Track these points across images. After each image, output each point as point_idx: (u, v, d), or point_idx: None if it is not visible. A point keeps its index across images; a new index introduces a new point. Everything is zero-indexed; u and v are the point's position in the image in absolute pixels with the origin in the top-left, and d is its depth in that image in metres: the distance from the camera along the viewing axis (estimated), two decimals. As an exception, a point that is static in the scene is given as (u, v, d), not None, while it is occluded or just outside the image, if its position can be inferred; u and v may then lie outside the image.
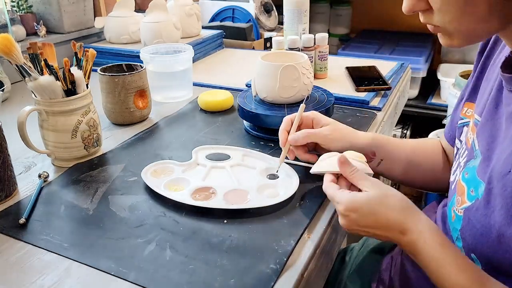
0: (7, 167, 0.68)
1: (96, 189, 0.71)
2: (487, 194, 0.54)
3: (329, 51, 1.18)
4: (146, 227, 0.61)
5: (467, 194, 0.58)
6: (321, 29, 2.39)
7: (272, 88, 0.84)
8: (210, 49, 1.45)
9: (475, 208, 0.56)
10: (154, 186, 0.68)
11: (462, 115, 0.69)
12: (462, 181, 0.60)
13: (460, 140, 0.67)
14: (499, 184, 0.52)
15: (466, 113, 0.68)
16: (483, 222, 0.54)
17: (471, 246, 0.56)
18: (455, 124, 0.71)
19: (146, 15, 1.32)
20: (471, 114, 0.66)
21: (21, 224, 0.62)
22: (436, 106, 1.96)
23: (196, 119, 0.97)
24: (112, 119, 0.94)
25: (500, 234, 0.51)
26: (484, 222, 0.53)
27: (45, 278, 0.53)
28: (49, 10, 1.36)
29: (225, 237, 0.59)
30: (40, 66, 0.73)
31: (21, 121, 0.71)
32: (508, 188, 0.50)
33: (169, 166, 0.75)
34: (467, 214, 0.57)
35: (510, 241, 0.50)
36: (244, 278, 0.52)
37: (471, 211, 0.56)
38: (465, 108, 0.68)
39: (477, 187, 0.56)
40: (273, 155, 0.78)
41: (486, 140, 0.58)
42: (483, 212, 0.54)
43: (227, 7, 1.75)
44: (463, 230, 0.58)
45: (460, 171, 0.63)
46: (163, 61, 1.04)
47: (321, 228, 0.61)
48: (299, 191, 0.68)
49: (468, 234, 0.56)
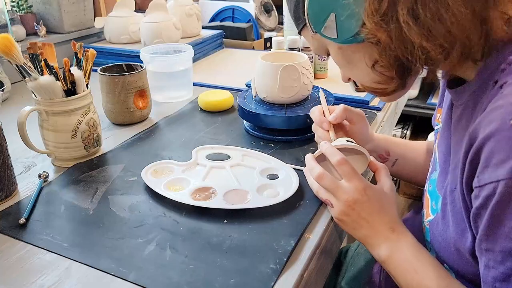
0: (7, 167, 0.68)
1: (96, 189, 0.71)
2: (442, 209, 0.54)
3: (329, 51, 1.18)
4: (146, 227, 0.61)
5: (430, 207, 0.59)
6: (321, 29, 2.39)
7: (272, 88, 0.84)
8: (210, 49, 1.45)
9: (436, 222, 0.56)
10: (154, 186, 0.68)
11: (436, 121, 0.70)
12: (428, 193, 0.61)
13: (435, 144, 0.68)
14: (449, 199, 0.52)
15: (439, 119, 0.68)
16: (443, 236, 0.54)
17: (441, 258, 0.56)
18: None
19: (146, 15, 1.32)
20: (440, 118, 0.67)
21: (21, 224, 0.62)
22: (436, 106, 1.96)
23: (196, 119, 0.97)
24: (112, 119, 0.94)
25: (456, 248, 0.51)
26: (444, 236, 0.54)
27: (45, 278, 0.53)
28: (49, 10, 1.36)
29: (225, 237, 0.59)
30: (40, 66, 0.73)
31: (21, 121, 0.71)
32: (457, 204, 0.50)
33: (169, 166, 0.75)
34: (431, 228, 0.58)
35: (466, 253, 0.50)
36: (244, 278, 0.52)
37: (434, 225, 0.57)
38: (438, 115, 0.69)
39: (437, 200, 0.57)
40: (273, 155, 0.78)
41: (443, 152, 0.58)
42: (441, 226, 0.54)
43: (227, 7, 1.75)
44: (432, 243, 0.58)
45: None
46: (163, 61, 1.04)
47: (321, 228, 0.61)
48: (299, 191, 0.68)
49: (436, 246, 0.57)
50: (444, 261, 0.56)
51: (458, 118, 0.54)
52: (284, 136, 0.84)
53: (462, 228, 0.49)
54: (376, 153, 0.75)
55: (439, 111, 0.69)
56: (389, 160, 0.75)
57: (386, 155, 0.75)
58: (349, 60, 0.55)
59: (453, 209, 0.51)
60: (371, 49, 0.50)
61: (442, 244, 0.55)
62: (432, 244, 0.58)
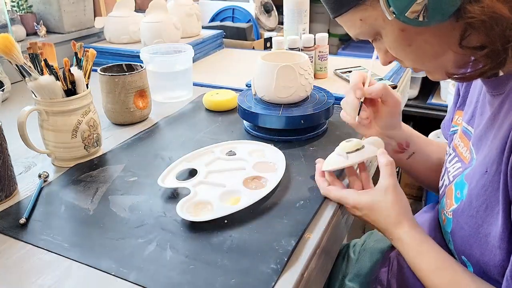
0: (7, 167, 0.68)
1: (96, 189, 0.71)
2: (469, 195, 0.55)
3: (329, 51, 1.18)
4: (147, 227, 0.61)
5: (454, 196, 0.59)
6: (321, 29, 2.39)
7: (269, 87, 0.84)
8: (210, 49, 1.45)
9: (461, 210, 0.56)
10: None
11: (454, 123, 0.70)
12: (453, 185, 0.61)
13: (450, 146, 0.68)
14: (478, 185, 0.53)
15: (457, 121, 0.69)
16: (470, 223, 0.54)
17: (461, 248, 0.57)
18: (447, 131, 0.73)
19: (146, 15, 1.32)
20: (460, 122, 0.67)
21: (21, 224, 0.62)
22: (436, 106, 1.96)
23: (196, 119, 0.97)
24: (112, 119, 0.94)
25: (484, 234, 0.52)
26: (471, 223, 0.54)
27: (45, 278, 0.53)
28: (49, 10, 1.36)
29: (225, 237, 0.58)
30: (40, 66, 0.73)
31: (21, 121, 0.71)
32: (489, 187, 0.51)
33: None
34: (455, 216, 0.58)
35: (494, 240, 0.50)
36: (245, 278, 0.52)
37: (458, 212, 0.57)
38: (456, 116, 0.70)
39: (462, 189, 0.57)
40: (273, 155, 0.78)
41: (478, 147, 0.58)
42: (468, 213, 0.55)
43: (227, 7, 1.75)
44: (453, 232, 0.59)
45: (447, 176, 0.64)
46: (163, 61, 1.04)
47: (322, 228, 0.61)
48: (299, 191, 0.68)
49: (458, 236, 0.57)
50: (463, 252, 0.56)
51: (499, 105, 0.54)
52: (284, 136, 0.84)
53: (495, 211, 0.50)
54: (396, 140, 0.75)
55: (458, 113, 0.69)
56: (406, 152, 0.76)
57: (405, 146, 0.75)
58: (410, 42, 0.53)
59: (485, 193, 0.52)
60: (452, 31, 0.50)
61: (467, 232, 0.55)
62: (453, 235, 0.59)
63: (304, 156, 0.79)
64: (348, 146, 0.66)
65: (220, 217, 0.61)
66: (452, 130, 0.70)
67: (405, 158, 0.76)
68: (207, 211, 0.63)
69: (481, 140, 0.57)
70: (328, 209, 0.65)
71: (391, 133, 0.74)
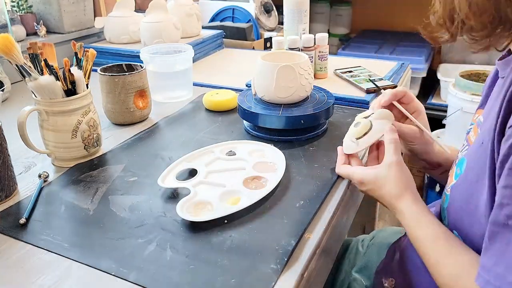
0: (7, 167, 0.68)
1: (96, 189, 0.71)
2: (466, 169, 0.56)
3: (329, 51, 1.18)
4: (147, 227, 0.61)
5: (455, 173, 0.61)
6: (321, 29, 2.39)
7: (269, 87, 0.84)
8: (210, 49, 1.45)
9: (458, 185, 0.58)
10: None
11: (472, 120, 0.70)
12: (455, 164, 0.63)
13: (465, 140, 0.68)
14: (475, 157, 0.54)
15: (475, 119, 0.69)
16: (463, 195, 0.56)
17: (453, 222, 0.59)
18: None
19: (146, 15, 1.32)
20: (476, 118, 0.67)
21: (21, 224, 0.62)
22: (436, 106, 1.96)
23: (196, 119, 0.97)
24: (112, 119, 0.94)
25: (476, 204, 0.53)
26: (464, 195, 0.55)
27: (45, 278, 0.53)
28: (49, 10, 1.36)
29: (225, 237, 0.58)
30: (40, 66, 0.73)
31: (21, 121, 0.71)
32: (481, 156, 0.52)
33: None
34: (452, 192, 0.60)
35: (482, 209, 0.51)
36: (245, 278, 0.52)
37: (455, 188, 0.59)
38: (476, 115, 0.70)
39: (462, 165, 0.59)
40: (273, 155, 0.78)
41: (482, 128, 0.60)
42: (464, 186, 0.56)
43: (227, 7, 1.75)
44: (449, 207, 0.60)
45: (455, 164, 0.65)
46: (163, 61, 1.04)
47: (321, 228, 0.61)
48: (299, 191, 0.68)
49: (452, 210, 0.59)
50: (455, 225, 0.58)
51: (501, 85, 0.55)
52: (283, 136, 0.84)
53: (482, 180, 0.51)
54: (427, 160, 0.76)
55: (478, 112, 0.69)
56: (436, 169, 0.77)
57: (436, 165, 0.76)
58: None
59: (477, 163, 0.53)
60: None
61: (459, 204, 0.56)
62: (448, 210, 0.60)
63: (304, 156, 0.79)
64: (357, 132, 0.70)
65: (220, 217, 0.61)
66: (468, 128, 0.70)
67: (437, 174, 0.77)
68: (207, 211, 0.63)
69: (485, 121, 0.58)
70: (328, 209, 0.65)
71: (423, 157, 0.75)
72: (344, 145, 0.72)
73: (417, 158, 0.76)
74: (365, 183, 0.66)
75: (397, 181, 0.63)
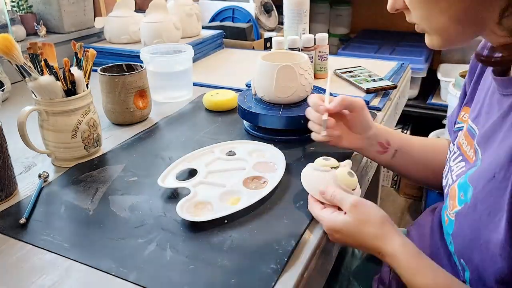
0: (7, 167, 0.68)
1: (96, 189, 0.71)
2: (474, 199, 0.54)
3: (329, 51, 1.18)
4: (147, 227, 0.61)
5: (458, 198, 0.58)
6: (321, 29, 2.39)
7: (269, 87, 0.84)
8: (210, 49, 1.45)
9: (464, 213, 0.56)
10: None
11: (459, 119, 0.69)
12: (456, 185, 0.60)
13: (454, 144, 0.68)
14: (485, 189, 0.52)
15: (463, 118, 0.68)
16: (473, 227, 0.54)
17: (461, 251, 0.56)
18: (452, 127, 0.72)
19: (146, 15, 1.32)
20: (466, 119, 0.66)
21: (22, 224, 0.62)
22: (436, 106, 1.96)
23: (196, 119, 0.97)
24: (112, 119, 0.94)
25: (486, 240, 0.51)
26: (474, 227, 0.53)
27: (45, 278, 0.53)
28: (49, 10, 1.36)
29: (225, 237, 0.58)
30: (40, 66, 0.73)
31: (21, 121, 0.71)
32: (494, 194, 0.50)
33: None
34: (458, 219, 0.57)
35: (495, 248, 0.50)
36: (245, 278, 0.52)
37: (461, 215, 0.56)
38: (462, 113, 0.69)
39: (466, 191, 0.56)
40: (273, 155, 0.78)
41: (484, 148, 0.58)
42: (472, 217, 0.54)
43: (227, 7, 1.75)
44: (455, 235, 0.58)
45: (451, 175, 0.63)
46: (163, 61, 1.04)
47: (322, 228, 0.61)
48: (299, 191, 0.68)
49: (459, 239, 0.57)
50: (463, 255, 0.56)
51: (509, 107, 0.53)
52: (283, 136, 0.84)
53: (497, 218, 0.49)
54: (376, 140, 0.75)
55: (465, 109, 0.68)
56: (389, 150, 0.75)
57: (386, 145, 0.75)
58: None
59: (490, 198, 0.51)
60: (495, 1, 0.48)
61: (469, 236, 0.54)
62: (454, 237, 0.58)
63: (304, 156, 0.79)
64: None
65: (220, 217, 0.61)
66: (457, 126, 0.69)
67: (390, 158, 0.76)
68: (207, 211, 0.63)
69: (487, 141, 0.56)
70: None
71: (369, 134, 0.74)
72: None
73: (367, 140, 0.74)
74: (337, 231, 0.60)
75: (370, 218, 0.59)
